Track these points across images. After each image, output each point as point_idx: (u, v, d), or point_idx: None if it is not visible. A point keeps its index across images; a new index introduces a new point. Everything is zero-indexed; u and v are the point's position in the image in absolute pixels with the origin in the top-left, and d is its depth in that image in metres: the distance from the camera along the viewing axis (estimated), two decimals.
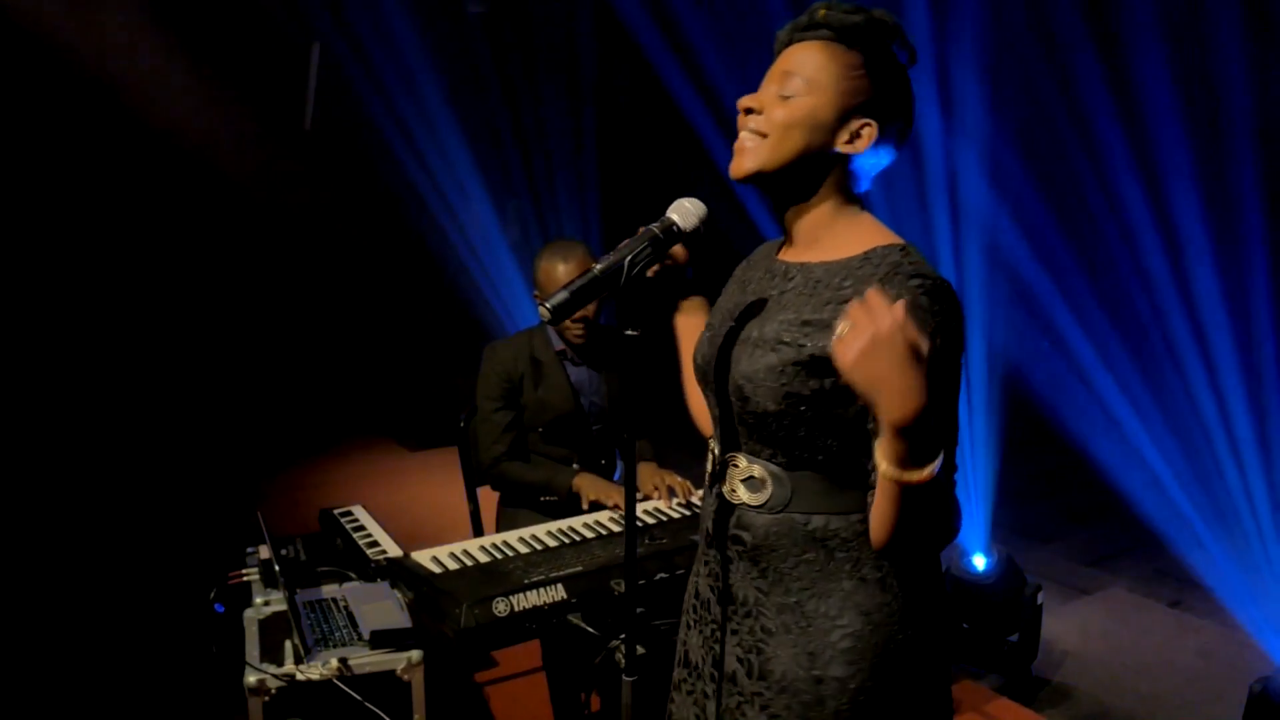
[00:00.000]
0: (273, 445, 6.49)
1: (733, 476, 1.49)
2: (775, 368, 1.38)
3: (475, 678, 3.45)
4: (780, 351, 1.39)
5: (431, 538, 2.65)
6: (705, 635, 1.55)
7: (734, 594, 1.49)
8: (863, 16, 1.42)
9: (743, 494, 1.47)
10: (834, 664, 1.39)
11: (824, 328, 1.36)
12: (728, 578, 1.51)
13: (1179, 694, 3.47)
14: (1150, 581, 4.37)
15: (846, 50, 1.42)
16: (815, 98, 1.40)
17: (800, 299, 1.42)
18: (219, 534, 4.60)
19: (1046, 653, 3.60)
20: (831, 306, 1.37)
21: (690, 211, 1.43)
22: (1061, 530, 5.02)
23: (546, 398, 2.96)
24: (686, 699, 1.60)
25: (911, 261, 1.36)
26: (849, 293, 1.36)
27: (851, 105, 1.41)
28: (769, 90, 1.44)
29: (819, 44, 1.43)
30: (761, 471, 1.45)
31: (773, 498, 1.44)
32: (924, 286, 1.31)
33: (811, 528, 1.42)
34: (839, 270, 1.41)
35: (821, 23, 1.43)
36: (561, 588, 2.25)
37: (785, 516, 1.43)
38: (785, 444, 1.42)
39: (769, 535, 1.44)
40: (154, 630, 3.76)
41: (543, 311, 1.36)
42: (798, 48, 1.44)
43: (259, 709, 2.09)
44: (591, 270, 1.37)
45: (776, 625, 1.43)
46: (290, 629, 2.20)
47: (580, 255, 2.85)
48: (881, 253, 1.38)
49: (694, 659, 1.58)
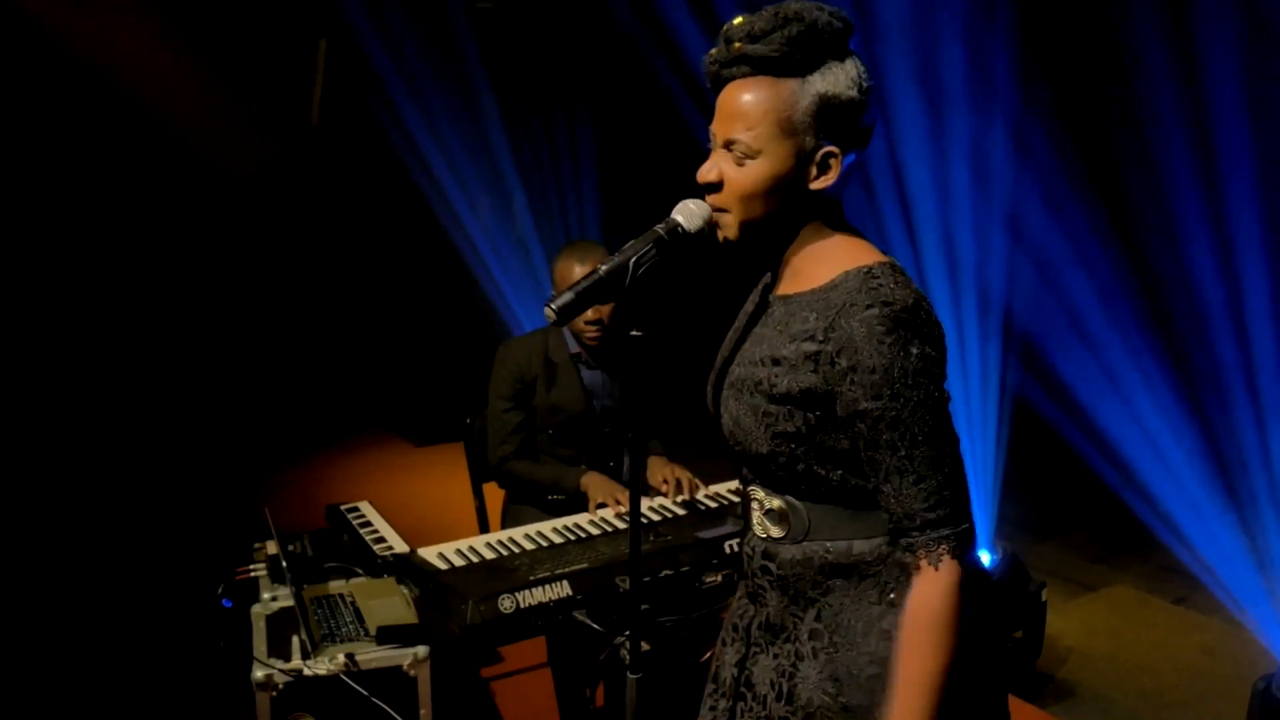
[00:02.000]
0: (280, 441, 6.51)
1: (755, 510, 1.49)
2: (757, 409, 1.38)
3: (481, 673, 3.46)
4: (759, 393, 1.38)
5: (438, 534, 2.66)
6: (739, 655, 1.55)
7: (772, 621, 1.49)
8: (778, 44, 1.30)
9: (767, 526, 1.48)
10: (860, 691, 1.37)
11: (791, 366, 1.35)
12: (762, 605, 1.51)
13: (1183, 691, 3.47)
14: (1155, 578, 4.36)
15: (778, 80, 1.32)
16: (768, 155, 1.33)
17: (774, 334, 1.41)
18: (227, 530, 4.63)
19: (1050, 649, 3.60)
20: (795, 344, 1.36)
21: (695, 212, 1.43)
22: (1066, 527, 5.01)
23: (559, 400, 2.96)
24: (708, 714, 1.61)
25: (873, 286, 1.31)
26: (810, 326, 1.34)
27: (807, 141, 1.33)
28: (719, 155, 1.38)
29: (750, 83, 1.33)
30: (780, 504, 1.44)
31: (793, 529, 1.44)
32: (880, 315, 1.28)
33: (833, 556, 1.41)
34: (808, 302, 1.38)
35: (739, 58, 1.33)
36: (567, 584, 2.26)
37: (807, 546, 1.43)
38: (791, 479, 1.41)
39: (794, 565, 1.44)
40: (163, 625, 3.78)
41: (548, 312, 1.36)
42: (732, 91, 1.35)
43: (266, 704, 2.10)
44: (596, 271, 1.38)
45: (807, 650, 1.43)
46: (297, 625, 2.22)
47: (597, 257, 2.84)
48: (850, 279, 1.34)
49: (723, 675, 1.58)
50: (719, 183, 1.38)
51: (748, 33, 1.32)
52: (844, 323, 1.30)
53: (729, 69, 1.36)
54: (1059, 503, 5.30)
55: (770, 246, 1.44)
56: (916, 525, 1.30)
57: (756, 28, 1.32)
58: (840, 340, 1.30)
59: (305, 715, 2.14)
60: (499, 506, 3.14)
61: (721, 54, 1.36)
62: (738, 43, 1.33)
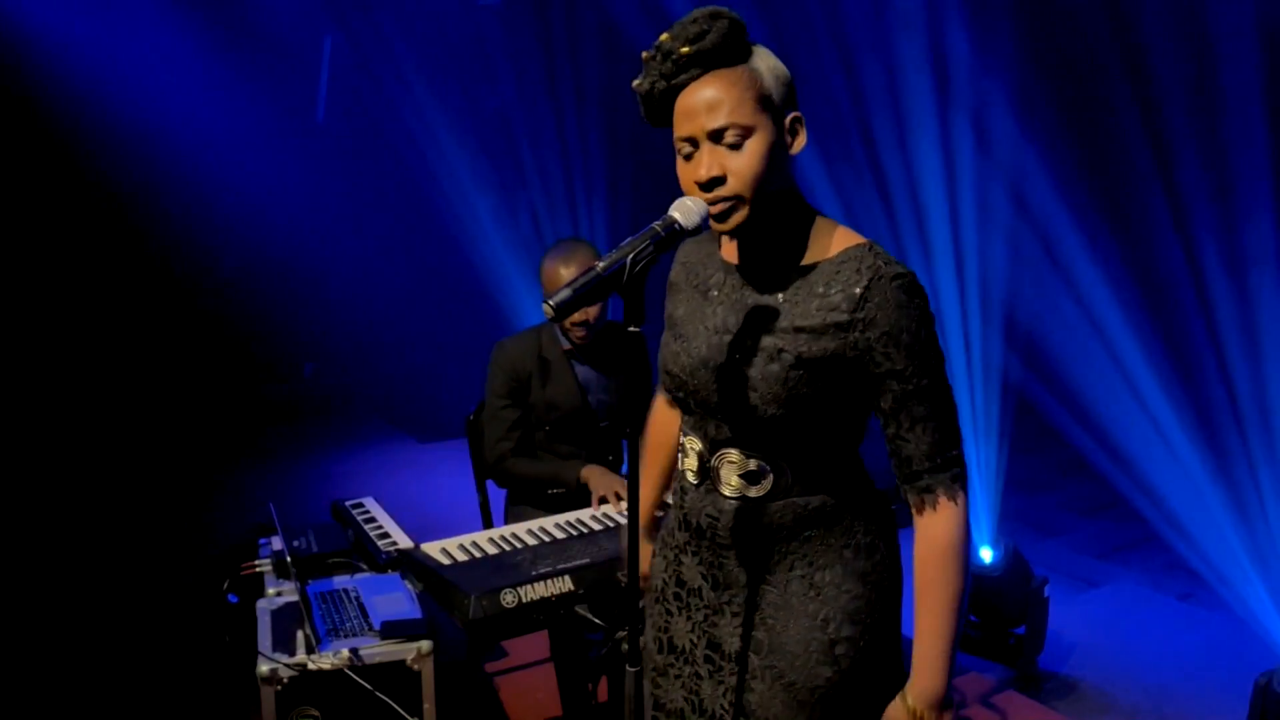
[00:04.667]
0: (285, 437, 6.54)
1: (728, 472, 1.54)
2: (779, 376, 1.45)
3: (484, 668, 3.48)
4: (782, 360, 1.46)
5: (442, 529, 2.67)
6: (697, 621, 1.61)
7: (733, 579, 1.56)
8: (718, 37, 1.40)
9: (740, 486, 1.53)
10: (845, 625, 1.52)
11: (818, 334, 1.45)
12: (724, 566, 1.57)
13: (1186, 687, 3.47)
14: (1159, 574, 4.37)
15: (730, 69, 1.42)
16: (760, 129, 1.42)
17: (788, 306, 1.48)
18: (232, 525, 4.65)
19: (1053, 645, 3.60)
20: (822, 313, 1.45)
21: (692, 210, 1.44)
22: (1069, 523, 5.01)
23: (554, 396, 2.97)
24: (674, 683, 1.65)
25: (885, 261, 1.45)
26: (836, 298, 1.45)
27: (777, 110, 1.44)
28: (709, 152, 1.42)
29: (708, 79, 1.41)
30: (759, 463, 1.52)
31: (775, 486, 1.52)
32: (901, 284, 1.43)
33: (813, 507, 1.52)
34: (819, 275, 1.47)
35: (688, 61, 1.41)
36: (569, 579, 2.27)
37: (788, 501, 1.52)
38: (785, 438, 1.49)
39: (772, 520, 1.52)
40: (168, 620, 3.80)
41: (546, 309, 1.38)
42: (694, 91, 1.42)
43: (271, 698, 2.12)
44: (594, 268, 1.39)
45: (786, 600, 1.52)
46: (302, 619, 2.23)
47: (583, 255, 2.86)
48: (855, 254, 1.47)
49: (680, 644, 1.64)
50: (722, 176, 1.42)
51: (686, 38, 1.40)
52: (875, 295, 1.42)
53: (679, 76, 1.43)
54: (1062, 498, 5.29)
55: (770, 219, 1.49)
56: (937, 465, 1.47)
57: (692, 31, 1.40)
58: (873, 309, 1.42)
59: (310, 709, 2.15)
60: (502, 502, 3.16)
61: (666, 68, 1.43)
62: (684, 48, 1.40)
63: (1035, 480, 5.34)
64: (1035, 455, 5.48)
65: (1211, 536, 3.94)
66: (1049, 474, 5.52)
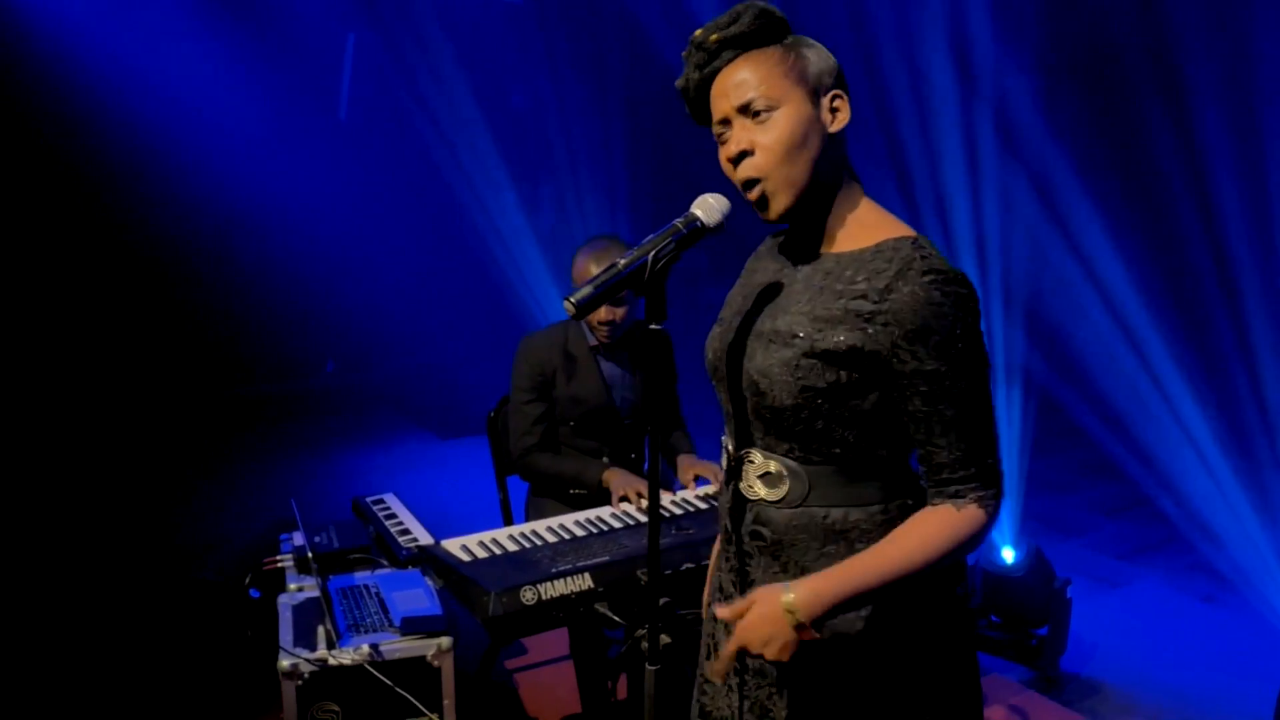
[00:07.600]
0: (307, 433, 6.57)
1: (749, 473, 1.49)
2: (790, 362, 1.39)
3: (504, 664, 3.49)
4: (795, 346, 1.40)
5: (462, 526, 2.68)
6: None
7: (753, 588, 1.49)
8: (749, 23, 1.40)
9: (760, 489, 1.48)
10: (857, 649, 1.42)
11: (836, 323, 1.38)
12: (747, 573, 1.52)
13: (1209, 689, 3.44)
14: (1183, 576, 4.33)
15: (765, 51, 1.41)
16: (789, 102, 1.39)
17: (812, 292, 1.43)
18: (254, 521, 4.68)
19: (1075, 646, 3.58)
20: (844, 301, 1.38)
21: (714, 207, 1.43)
22: (1092, 523, 4.97)
23: (579, 392, 2.98)
24: (720, 689, 1.61)
25: (924, 255, 1.36)
26: (862, 286, 1.37)
27: (812, 87, 1.40)
28: (739, 128, 1.41)
29: (741, 60, 1.41)
30: (778, 466, 1.45)
31: (791, 492, 1.45)
32: (936, 281, 1.33)
33: (830, 521, 1.43)
34: (850, 263, 1.41)
35: (721, 45, 1.41)
36: (589, 577, 2.27)
37: (804, 510, 1.44)
38: (802, 438, 1.42)
39: (789, 530, 1.45)
40: (190, 615, 3.83)
41: (567, 306, 1.37)
42: (727, 74, 1.42)
43: (292, 693, 2.13)
44: (615, 265, 1.39)
45: None
46: (323, 615, 2.24)
47: (615, 253, 2.84)
48: (893, 245, 1.39)
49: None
50: (750, 150, 1.40)
51: (719, 26, 1.42)
52: (903, 287, 1.34)
53: (713, 63, 1.43)
54: (1085, 499, 5.26)
55: (815, 201, 1.45)
56: (971, 475, 1.37)
57: (724, 21, 1.42)
58: (899, 303, 1.34)
59: (330, 704, 2.17)
60: (522, 499, 3.17)
61: (699, 58, 1.44)
62: (714, 35, 1.41)
63: (1058, 480, 5.30)
64: (1058, 455, 5.44)
65: (1236, 538, 3.91)
66: (1072, 474, 5.48)
